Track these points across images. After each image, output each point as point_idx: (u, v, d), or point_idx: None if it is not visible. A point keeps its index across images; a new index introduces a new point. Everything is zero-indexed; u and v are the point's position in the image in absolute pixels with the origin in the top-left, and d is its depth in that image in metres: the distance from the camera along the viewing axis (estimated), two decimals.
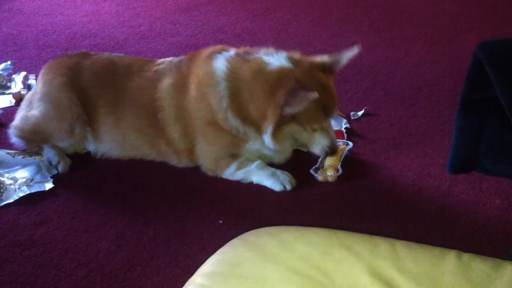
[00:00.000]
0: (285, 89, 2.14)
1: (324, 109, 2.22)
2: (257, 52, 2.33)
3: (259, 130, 2.29)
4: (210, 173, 2.42)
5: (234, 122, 2.29)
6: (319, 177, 2.38)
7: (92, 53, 2.65)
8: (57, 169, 2.42)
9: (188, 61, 2.42)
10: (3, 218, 2.18)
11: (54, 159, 2.44)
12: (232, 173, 2.37)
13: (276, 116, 2.18)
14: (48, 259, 1.99)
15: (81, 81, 2.48)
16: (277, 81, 2.18)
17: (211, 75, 2.29)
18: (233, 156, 2.37)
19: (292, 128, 2.25)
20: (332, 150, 2.32)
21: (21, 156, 2.48)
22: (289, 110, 2.14)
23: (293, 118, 2.19)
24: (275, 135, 2.23)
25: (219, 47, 2.41)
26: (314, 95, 2.07)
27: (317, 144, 2.30)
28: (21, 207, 2.23)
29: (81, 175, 2.43)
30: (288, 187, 2.31)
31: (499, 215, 2.18)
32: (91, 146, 2.52)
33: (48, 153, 2.46)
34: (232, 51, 2.36)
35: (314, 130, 2.26)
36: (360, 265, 1.14)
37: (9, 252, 2.03)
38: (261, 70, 2.23)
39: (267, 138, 2.27)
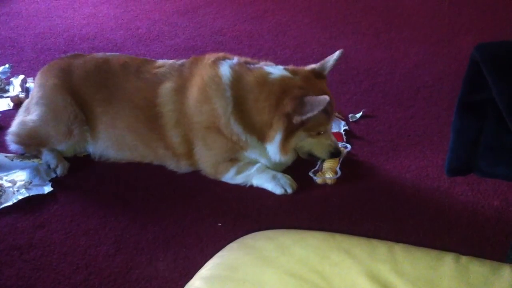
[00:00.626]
0: (291, 97, 2.19)
1: (326, 112, 2.26)
2: (257, 63, 2.39)
3: (262, 139, 2.31)
4: (210, 177, 2.43)
5: (236, 128, 2.30)
6: (318, 179, 2.38)
7: (86, 54, 2.65)
8: (55, 173, 2.43)
9: (191, 65, 2.42)
10: (2, 222, 2.18)
11: (53, 162, 2.43)
12: (232, 177, 2.38)
13: (284, 124, 2.22)
14: (47, 262, 1.99)
15: (74, 80, 2.47)
16: (281, 89, 2.23)
17: (218, 81, 2.31)
18: (232, 160, 2.38)
19: (300, 136, 2.28)
20: (337, 151, 2.37)
21: (20, 160, 2.48)
22: (302, 118, 2.18)
23: (301, 125, 2.23)
24: (283, 145, 2.26)
25: (221, 54, 2.44)
26: (326, 98, 2.12)
27: (323, 147, 2.34)
28: (20, 210, 2.23)
29: (80, 178, 2.43)
30: (289, 191, 2.31)
31: (498, 217, 2.18)
32: (90, 147, 2.52)
33: (47, 157, 2.46)
34: (235, 59, 2.39)
35: (319, 134, 2.31)
36: (358, 268, 1.14)
37: (8, 255, 2.03)
38: (264, 79, 2.27)
39: (273, 148, 2.29)
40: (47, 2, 4.23)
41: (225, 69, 2.32)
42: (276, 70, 2.31)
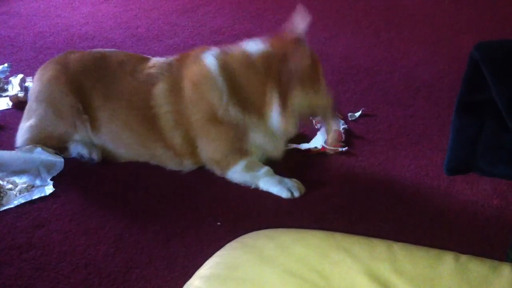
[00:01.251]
0: (275, 63, 2.26)
1: (315, 69, 2.32)
2: (236, 45, 2.44)
3: (262, 115, 2.34)
4: (217, 172, 2.42)
5: (235, 113, 2.33)
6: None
7: (83, 51, 2.64)
8: (92, 160, 2.45)
9: (179, 64, 2.43)
10: (1, 221, 2.18)
11: (84, 152, 2.45)
12: (240, 170, 2.36)
13: (277, 90, 2.27)
14: (47, 262, 1.99)
15: (70, 72, 2.47)
16: (265, 59, 2.30)
17: (207, 74, 2.34)
18: (240, 153, 2.37)
19: (297, 97, 2.30)
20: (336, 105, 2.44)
21: (21, 152, 2.45)
22: (290, 77, 2.24)
23: (295, 84, 2.27)
24: (284, 110, 2.29)
25: (202, 47, 2.47)
26: (306, 50, 2.23)
27: (322, 103, 2.37)
28: (19, 210, 2.23)
29: (80, 178, 2.42)
30: (296, 194, 2.29)
31: (497, 216, 2.18)
32: (93, 139, 2.50)
33: (76, 149, 2.47)
34: (216, 48, 2.42)
35: (315, 92, 2.34)
36: (357, 267, 1.14)
37: (7, 255, 2.02)
38: (247, 56, 2.34)
39: (275, 117, 2.32)
40: (46, 1, 4.23)
41: (209, 60, 2.36)
42: (254, 45, 2.36)
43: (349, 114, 2.83)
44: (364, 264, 1.14)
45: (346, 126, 2.73)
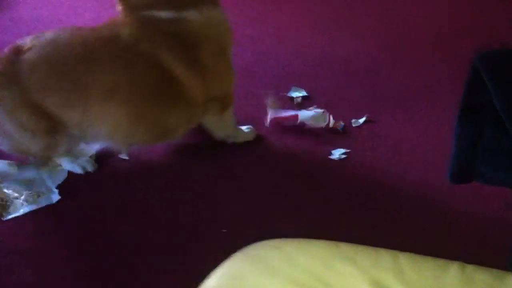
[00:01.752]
0: None
1: None
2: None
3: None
4: (227, 115, 2.49)
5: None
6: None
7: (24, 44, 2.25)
8: (87, 171, 2.41)
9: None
10: (3, 227, 2.18)
11: (76, 169, 2.41)
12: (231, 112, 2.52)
13: None
14: (49, 268, 1.99)
15: (25, 91, 2.11)
16: None
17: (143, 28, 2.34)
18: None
19: None
20: None
21: (19, 170, 2.44)
22: None
23: None
24: None
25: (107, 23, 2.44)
26: None
27: None
28: (21, 216, 2.23)
29: (79, 183, 2.43)
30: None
31: (498, 218, 2.19)
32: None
33: (63, 165, 2.42)
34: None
35: None
36: (362, 277, 1.14)
37: (9, 261, 2.03)
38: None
39: None
40: (49, 7, 4.22)
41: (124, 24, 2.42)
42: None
43: (353, 120, 2.81)
44: (369, 274, 1.15)
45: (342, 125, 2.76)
